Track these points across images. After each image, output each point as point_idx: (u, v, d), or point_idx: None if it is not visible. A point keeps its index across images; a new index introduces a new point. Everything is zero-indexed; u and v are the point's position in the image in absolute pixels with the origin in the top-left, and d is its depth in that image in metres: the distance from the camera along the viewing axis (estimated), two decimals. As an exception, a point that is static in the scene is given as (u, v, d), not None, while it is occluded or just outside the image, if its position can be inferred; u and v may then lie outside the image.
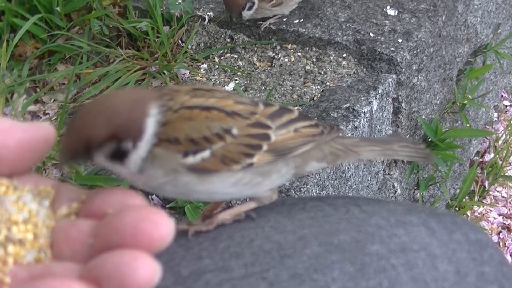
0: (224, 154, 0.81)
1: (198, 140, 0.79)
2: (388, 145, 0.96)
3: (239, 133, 0.82)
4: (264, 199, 0.89)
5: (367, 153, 0.94)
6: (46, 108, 1.82)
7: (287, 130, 0.87)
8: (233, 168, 0.82)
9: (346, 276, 0.77)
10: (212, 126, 0.80)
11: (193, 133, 0.79)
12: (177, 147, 0.79)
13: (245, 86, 1.88)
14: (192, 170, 0.80)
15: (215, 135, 0.80)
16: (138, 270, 0.55)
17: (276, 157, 0.85)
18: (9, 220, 0.66)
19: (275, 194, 0.90)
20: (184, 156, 0.79)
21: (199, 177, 0.81)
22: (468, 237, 0.87)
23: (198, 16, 2.04)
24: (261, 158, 0.84)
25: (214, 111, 0.81)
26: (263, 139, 0.84)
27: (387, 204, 0.90)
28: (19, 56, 1.91)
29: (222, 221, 0.87)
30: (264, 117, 0.85)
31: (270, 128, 0.85)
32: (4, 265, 0.63)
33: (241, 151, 0.82)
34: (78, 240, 0.64)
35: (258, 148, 0.84)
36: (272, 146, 0.85)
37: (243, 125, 0.83)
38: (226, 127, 0.81)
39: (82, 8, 1.99)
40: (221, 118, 0.81)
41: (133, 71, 1.88)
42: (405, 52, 1.91)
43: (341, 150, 0.93)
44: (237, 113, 0.83)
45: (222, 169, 0.81)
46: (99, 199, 0.67)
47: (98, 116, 0.76)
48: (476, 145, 2.79)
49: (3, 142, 0.67)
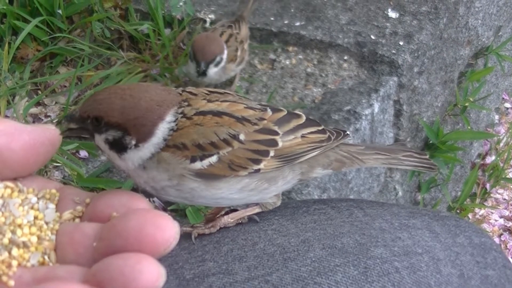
0: (232, 160, 0.81)
1: (205, 145, 0.80)
2: (393, 154, 0.96)
3: (247, 138, 0.82)
4: (268, 205, 0.89)
5: (372, 161, 0.95)
6: (48, 111, 1.82)
7: (295, 136, 0.87)
8: (240, 173, 0.82)
9: (350, 280, 0.77)
10: (219, 131, 0.81)
11: (201, 139, 0.80)
12: (184, 152, 0.79)
13: (246, 89, 1.88)
14: (199, 176, 0.80)
15: (223, 140, 0.81)
16: (142, 273, 0.55)
17: (283, 163, 0.86)
18: (14, 223, 0.66)
19: (280, 200, 0.90)
20: (191, 161, 0.79)
21: (205, 183, 0.81)
22: (471, 240, 0.87)
23: (199, 19, 2.04)
24: (268, 164, 0.84)
25: (225, 117, 0.82)
26: (270, 145, 0.84)
27: (390, 207, 0.91)
28: (20, 59, 1.91)
29: (225, 224, 0.88)
30: (272, 123, 0.86)
31: (278, 134, 0.86)
32: (9, 268, 0.63)
33: (248, 156, 0.82)
34: (82, 243, 0.64)
35: (265, 154, 0.84)
36: (279, 152, 0.85)
37: (251, 130, 0.83)
38: (234, 132, 0.81)
39: (84, 10, 1.99)
40: (230, 124, 0.82)
41: (135, 74, 1.88)
42: (406, 54, 1.91)
43: (347, 157, 0.93)
44: (247, 119, 0.83)
45: (229, 174, 0.82)
46: (103, 202, 0.67)
47: (119, 101, 0.77)
48: (478, 148, 2.79)
49: (7, 145, 0.67)
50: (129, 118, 0.77)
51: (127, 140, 0.78)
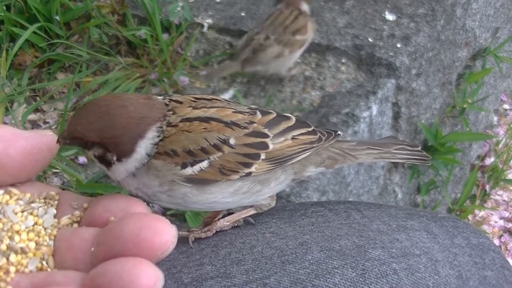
0: (222, 164, 0.81)
1: (196, 151, 0.80)
2: (385, 148, 0.97)
3: (237, 143, 0.82)
4: (263, 206, 0.90)
5: (365, 157, 0.95)
6: (46, 117, 1.82)
7: (285, 138, 0.87)
8: (231, 177, 0.82)
9: (348, 282, 0.77)
10: (209, 137, 0.81)
11: (191, 145, 0.80)
12: (174, 159, 0.79)
13: (244, 93, 1.88)
14: (190, 181, 0.80)
15: (213, 146, 0.81)
16: (140, 277, 0.55)
17: (275, 166, 0.86)
18: (12, 229, 0.66)
19: (274, 201, 0.90)
20: (182, 167, 0.79)
21: (197, 188, 0.81)
22: (469, 241, 0.87)
23: (197, 23, 2.04)
24: (259, 167, 0.84)
25: (213, 122, 0.82)
26: (261, 148, 0.84)
27: (388, 209, 0.91)
28: (18, 65, 1.91)
29: (221, 227, 0.88)
30: (262, 126, 0.86)
31: (268, 137, 0.86)
32: (6, 274, 0.63)
33: (239, 160, 0.82)
34: (80, 248, 0.64)
35: (256, 157, 0.84)
36: (270, 155, 0.85)
37: (241, 135, 0.83)
38: (224, 137, 0.81)
39: (81, 16, 1.99)
40: (219, 129, 0.82)
41: (133, 79, 1.88)
42: (404, 56, 1.92)
43: (339, 154, 0.93)
44: (236, 123, 0.83)
45: (220, 179, 0.82)
46: (101, 207, 0.67)
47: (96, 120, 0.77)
48: (477, 149, 2.79)
49: (5, 151, 0.68)
50: (106, 136, 0.77)
51: (109, 157, 0.78)
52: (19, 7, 1.93)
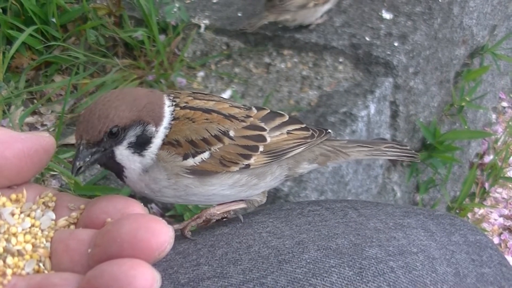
0: (223, 156, 0.84)
1: (198, 141, 0.82)
2: (375, 146, 1.00)
3: (236, 134, 0.85)
4: (254, 202, 0.92)
5: (356, 154, 0.99)
6: (44, 120, 1.82)
7: (281, 132, 0.90)
8: (231, 169, 0.85)
9: (345, 281, 0.77)
10: (210, 128, 0.83)
11: (193, 135, 0.82)
12: (178, 149, 0.81)
13: (242, 93, 1.88)
14: (192, 173, 0.82)
15: (214, 136, 0.83)
16: (136, 279, 0.55)
17: (271, 159, 0.88)
18: (8, 232, 0.66)
19: (265, 198, 0.93)
20: (184, 158, 0.81)
21: (199, 179, 0.83)
22: (467, 238, 0.88)
23: (194, 24, 2.04)
24: (258, 159, 0.87)
25: (214, 114, 0.85)
26: (259, 141, 0.87)
27: (385, 207, 0.91)
28: (15, 68, 1.91)
29: (210, 215, 0.90)
30: (258, 120, 0.89)
31: (265, 130, 0.89)
32: (3, 277, 0.63)
33: (239, 152, 0.85)
34: (77, 250, 0.64)
35: (255, 149, 0.87)
36: (268, 148, 0.88)
37: (239, 127, 0.86)
38: (224, 129, 0.84)
39: (78, 18, 1.99)
40: (219, 120, 0.84)
41: (130, 81, 1.88)
42: (401, 55, 1.92)
43: (331, 151, 0.97)
44: (234, 116, 0.86)
45: (221, 170, 0.84)
46: (98, 208, 0.67)
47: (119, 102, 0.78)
48: (475, 147, 2.79)
49: (1, 153, 0.68)
50: (139, 108, 0.79)
51: (149, 131, 0.80)
52: (15, 10, 1.93)
